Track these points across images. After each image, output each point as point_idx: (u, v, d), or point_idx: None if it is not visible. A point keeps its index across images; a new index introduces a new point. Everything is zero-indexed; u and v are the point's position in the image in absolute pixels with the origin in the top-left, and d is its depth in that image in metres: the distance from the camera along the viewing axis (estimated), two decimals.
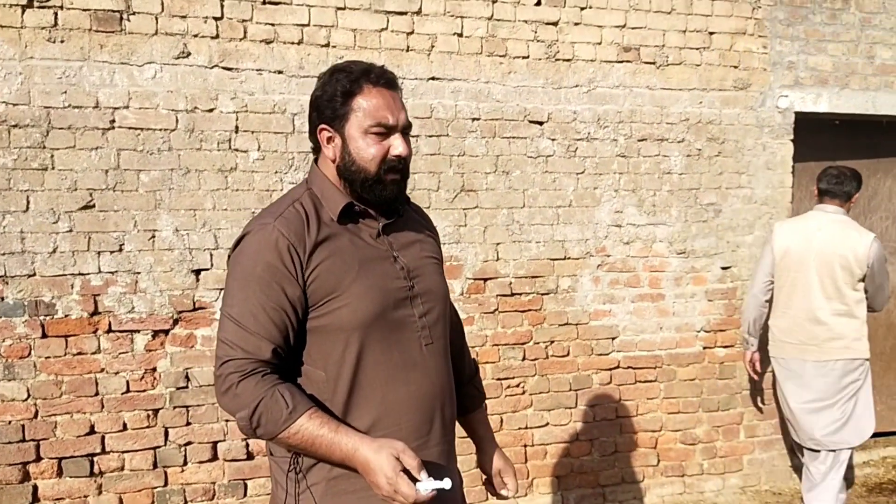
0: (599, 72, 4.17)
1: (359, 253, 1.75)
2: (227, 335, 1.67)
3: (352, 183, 1.76)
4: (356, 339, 1.70)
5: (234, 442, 3.68)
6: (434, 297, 1.86)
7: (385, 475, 1.54)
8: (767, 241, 4.13)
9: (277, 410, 1.60)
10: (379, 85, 1.74)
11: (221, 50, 3.59)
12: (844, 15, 4.63)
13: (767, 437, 4.63)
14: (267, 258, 1.66)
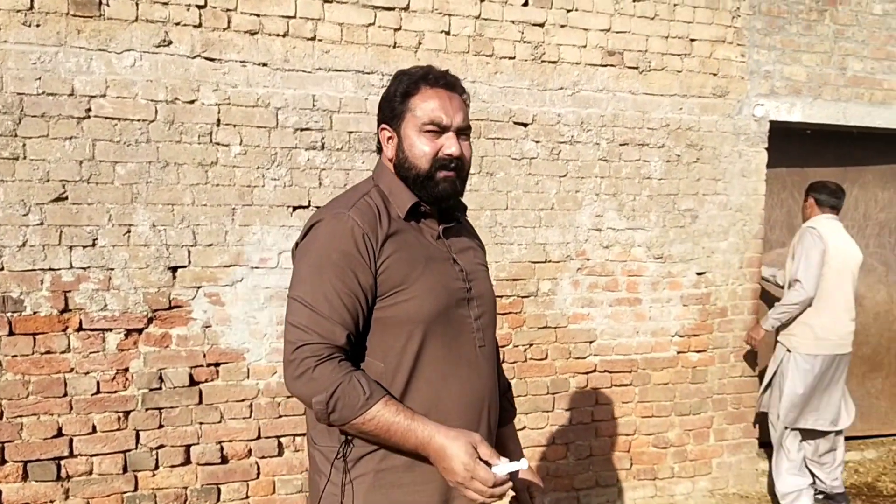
0: (584, 75, 4.16)
1: (424, 250, 1.79)
2: (301, 319, 1.67)
3: (405, 180, 1.81)
4: (419, 332, 1.72)
5: (207, 445, 3.57)
6: (486, 302, 1.90)
7: (462, 461, 1.57)
8: (815, 244, 4.23)
9: (355, 396, 1.61)
10: (437, 86, 1.79)
11: (204, 39, 3.46)
12: (819, 26, 4.72)
13: (736, 441, 4.70)
14: (342, 245, 1.69)
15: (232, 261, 3.57)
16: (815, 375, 4.26)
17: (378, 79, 3.75)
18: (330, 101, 3.68)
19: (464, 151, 1.81)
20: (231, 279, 3.58)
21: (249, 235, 3.59)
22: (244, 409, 3.64)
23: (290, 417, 3.71)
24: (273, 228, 3.63)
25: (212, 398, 3.58)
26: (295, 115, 3.63)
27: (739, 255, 4.60)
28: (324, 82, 3.67)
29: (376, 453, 1.71)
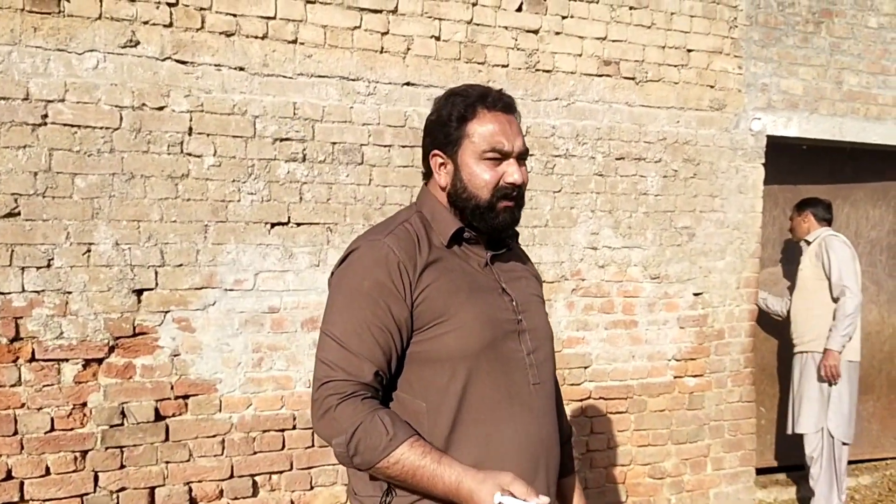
0: (579, 85, 3.94)
1: (468, 279, 1.66)
2: (328, 355, 1.57)
3: (462, 210, 1.69)
4: (463, 369, 1.59)
5: (174, 487, 3.24)
6: (541, 335, 1.75)
7: None
8: (845, 249, 4.35)
9: (377, 437, 1.48)
10: (496, 109, 1.67)
11: (175, 40, 3.16)
12: (816, 39, 4.57)
13: (734, 470, 4.49)
14: (376, 275, 1.58)
15: (204, 283, 3.26)
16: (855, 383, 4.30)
17: (364, 86, 3.48)
18: (312, 109, 3.40)
19: (524, 178, 1.69)
20: (202, 303, 3.26)
21: (223, 255, 3.28)
22: (215, 446, 3.31)
23: (266, 454, 3.39)
24: (249, 247, 3.32)
25: (180, 434, 3.25)
26: (274, 123, 3.34)
27: (736, 275, 4.41)
28: (306, 89, 3.39)
29: (421, 502, 1.55)
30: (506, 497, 1.41)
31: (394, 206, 3.56)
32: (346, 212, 3.49)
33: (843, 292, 4.23)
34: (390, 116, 3.54)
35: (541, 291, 1.87)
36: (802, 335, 4.44)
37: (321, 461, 3.50)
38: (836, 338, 4.23)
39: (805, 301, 4.45)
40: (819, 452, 4.30)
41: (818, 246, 4.40)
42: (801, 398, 4.39)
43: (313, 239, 3.43)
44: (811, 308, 4.40)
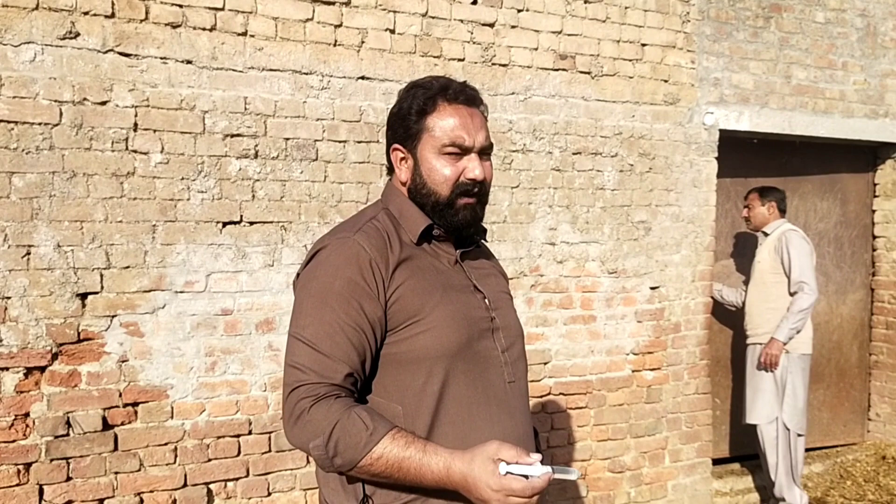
0: (536, 79, 3.91)
1: (441, 277, 1.62)
2: (299, 359, 1.50)
3: (423, 207, 1.64)
4: (440, 369, 1.54)
5: (124, 497, 3.10)
6: (514, 333, 1.71)
7: (489, 485, 1.37)
8: (804, 245, 4.39)
9: (356, 433, 1.41)
10: (457, 102, 1.62)
11: (118, 32, 3.02)
12: (765, 33, 4.63)
13: (691, 462, 4.53)
14: (347, 273, 1.52)
15: (152, 285, 3.13)
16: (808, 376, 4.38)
17: (317, 80, 3.39)
18: (264, 103, 3.29)
19: (486, 174, 1.64)
20: (151, 306, 3.13)
21: (173, 256, 3.16)
22: (167, 455, 3.19)
23: (221, 461, 3.28)
24: (200, 247, 3.20)
25: (129, 443, 3.12)
26: (224, 119, 3.22)
27: (692, 269, 4.44)
28: (257, 83, 3.28)
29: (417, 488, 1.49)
30: (512, 466, 1.37)
31: (350, 204, 3.48)
32: (300, 210, 3.39)
33: (801, 288, 4.27)
34: (345, 111, 3.45)
35: (508, 288, 1.84)
36: (757, 327, 4.47)
37: (278, 466, 3.40)
38: (784, 329, 4.28)
39: (761, 294, 4.48)
40: (774, 443, 4.35)
41: (778, 240, 4.42)
42: (755, 389, 4.43)
43: (267, 238, 3.33)
44: (767, 301, 4.44)
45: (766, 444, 4.41)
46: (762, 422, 4.41)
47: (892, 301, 5.47)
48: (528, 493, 1.36)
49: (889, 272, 5.49)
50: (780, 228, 4.48)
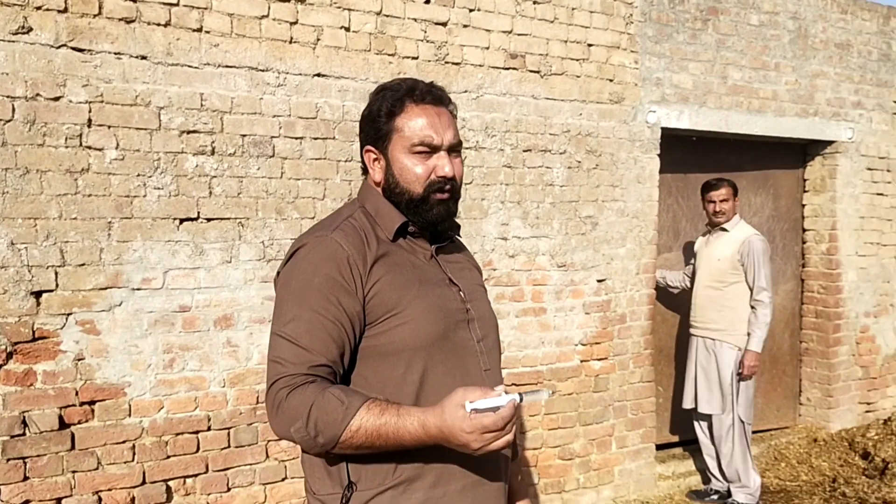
0: (487, 78, 4.00)
1: (417, 272, 1.67)
2: (280, 354, 1.55)
3: (398, 205, 1.70)
4: (419, 360, 1.60)
5: (83, 496, 3.08)
6: (488, 324, 1.78)
7: (462, 429, 1.42)
8: (767, 251, 4.52)
9: (333, 410, 1.46)
10: (424, 102, 1.68)
11: (71, 27, 2.99)
12: (703, 35, 4.82)
13: (636, 448, 4.70)
14: (325, 270, 1.57)
15: (109, 282, 3.11)
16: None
17: (274, 77, 3.40)
18: (220, 100, 3.30)
19: (456, 170, 1.70)
20: (108, 303, 3.11)
21: (129, 253, 3.14)
22: (125, 453, 3.17)
23: (180, 457, 3.28)
24: (157, 244, 3.19)
25: (87, 442, 3.09)
26: (180, 115, 3.22)
27: (636, 262, 4.61)
28: (213, 79, 3.28)
29: (384, 495, 1.57)
30: (476, 403, 1.42)
31: (306, 200, 3.51)
32: (257, 206, 3.41)
33: (763, 297, 4.42)
34: (301, 108, 3.48)
35: (482, 281, 1.90)
36: (711, 322, 4.57)
37: (238, 462, 3.41)
38: (758, 341, 4.44)
39: (717, 290, 4.57)
40: (730, 433, 4.51)
41: (742, 244, 4.49)
42: (710, 382, 4.55)
43: (224, 234, 3.34)
44: (725, 300, 4.54)
45: (721, 435, 4.54)
46: (716, 412, 4.55)
47: (821, 291, 5.76)
48: (501, 424, 1.41)
49: (818, 264, 5.78)
50: (744, 232, 4.55)
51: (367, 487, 1.57)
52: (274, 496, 3.51)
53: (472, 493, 1.64)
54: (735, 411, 4.50)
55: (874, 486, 4.67)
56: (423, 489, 1.59)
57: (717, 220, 4.62)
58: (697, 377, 4.64)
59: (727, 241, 4.59)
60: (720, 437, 4.56)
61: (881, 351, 5.98)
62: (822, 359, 5.75)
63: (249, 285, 3.39)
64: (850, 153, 5.64)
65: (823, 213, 5.71)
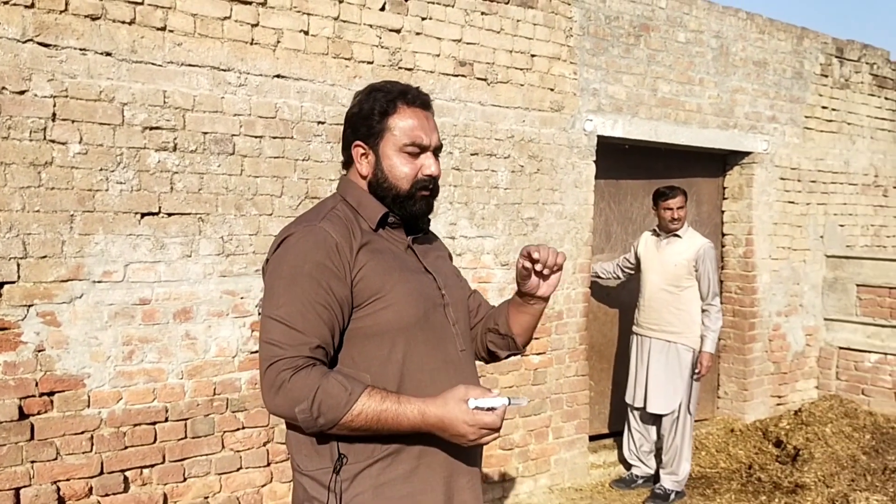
0: (438, 84, 4.18)
1: (398, 260, 1.80)
2: (274, 336, 1.64)
3: (383, 199, 1.82)
4: (402, 340, 1.72)
5: (41, 486, 3.10)
6: (461, 308, 1.93)
7: (464, 421, 1.59)
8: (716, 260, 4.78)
9: (337, 394, 1.58)
10: (415, 105, 1.81)
11: (38, 22, 3.02)
12: (636, 50, 5.13)
13: (570, 438, 4.96)
14: (316, 257, 1.67)
15: (70, 275, 3.15)
16: None
17: (235, 76, 3.50)
18: (183, 98, 3.37)
19: (439, 171, 1.85)
20: (69, 295, 3.15)
21: (91, 246, 3.19)
22: (84, 443, 3.21)
23: (137, 448, 3.33)
24: (119, 238, 3.24)
25: (46, 432, 3.12)
26: (144, 111, 3.28)
27: (573, 262, 4.87)
28: (176, 77, 3.36)
29: (372, 468, 1.69)
30: (479, 401, 1.59)
31: (265, 197, 3.61)
32: (217, 202, 3.49)
33: (716, 302, 4.70)
34: (261, 108, 3.58)
35: (456, 269, 2.05)
36: (670, 325, 4.75)
37: (194, 452, 3.49)
38: (713, 344, 4.72)
39: (673, 293, 4.75)
40: (682, 427, 4.76)
41: (697, 251, 4.70)
42: (668, 382, 4.75)
43: (185, 229, 3.41)
44: (679, 304, 4.74)
45: (668, 428, 4.79)
46: (670, 411, 4.76)
47: (738, 292, 6.17)
48: (498, 423, 1.60)
49: (735, 266, 6.18)
50: (698, 241, 4.76)
51: (356, 460, 1.68)
52: (229, 486, 3.60)
53: (452, 464, 1.77)
54: (685, 407, 4.75)
55: (786, 471, 5.06)
56: (409, 459, 1.71)
57: (673, 227, 4.77)
58: (650, 377, 4.78)
59: (682, 247, 4.76)
60: (667, 431, 4.79)
61: (791, 348, 6.45)
62: (739, 355, 6.16)
63: (209, 279, 3.48)
64: (765, 164, 6.07)
65: (741, 219, 6.12)
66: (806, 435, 5.50)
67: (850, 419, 5.82)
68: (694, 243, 4.76)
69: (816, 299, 6.63)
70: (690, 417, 4.79)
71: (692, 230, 4.90)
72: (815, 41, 6.40)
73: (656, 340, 4.80)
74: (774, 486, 4.87)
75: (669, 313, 4.75)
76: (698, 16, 5.51)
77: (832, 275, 6.64)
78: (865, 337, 6.45)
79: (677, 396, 4.73)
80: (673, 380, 4.74)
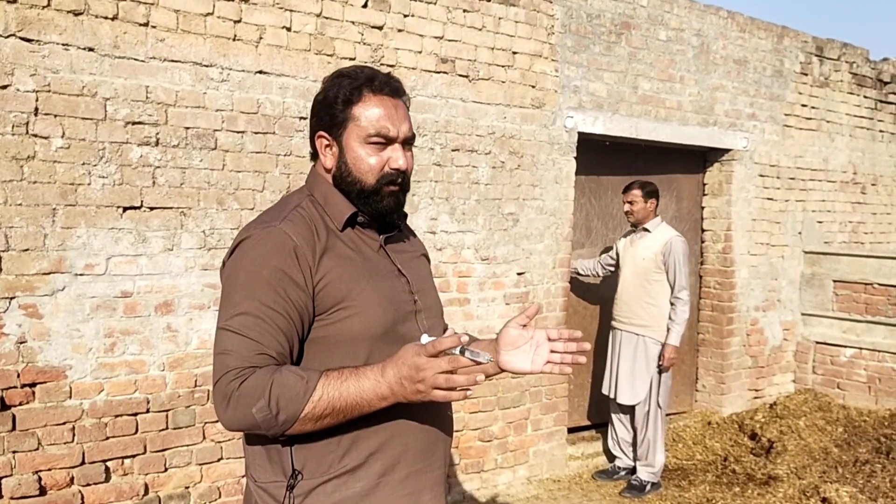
0: (420, 80, 4.23)
1: (366, 263, 1.68)
2: (228, 346, 1.52)
3: (348, 194, 1.69)
4: (365, 350, 1.61)
5: (23, 476, 3.15)
6: (435, 314, 1.81)
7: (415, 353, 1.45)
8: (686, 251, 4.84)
9: (293, 385, 1.47)
10: (382, 93, 1.67)
11: (20, 17, 3.05)
12: (617, 48, 5.19)
13: (549, 430, 5.04)
14: (273, 262, 1.55)
15: (52, 268, 3.18)
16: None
17: (217, 72, 3.54)
18: (165, 93, 3.41)
19: (408, 163, 1.71)
20: (51, 288, 3.19)
21: (73, 239, 3.22)
22: (66, 434, 3.25)
23: (119, 438, 3.38)
24: (101, 231, 3.28)
25: (27, 423, 3.16)
26: (126, 106, 3.31)
27: (553, 256, 4.94)
28: (158, 73, 3.39)
29: (328, 485, 1.58)
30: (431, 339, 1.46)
31: (247, 191, 3.65)
32: (199, 196, 3.53)
33: (682, 295, 4.77)
34: (243, 103, 3.62)
35: (430, 269, 1.92)
36: (635, 318, 4.88)
37: (175, 443, 3.54)
38: (676, 336, 4.79)
39: (642, 288, 4.86)
40: (653, 419, 4.87)
41: (664, 245, 4.82)
42: (635, 375, 4.86)
43: (167, 223, 3.45)
44: (650, 297, 4.85)
45: (639, 421, 4.90)
46: (636, 402, 4.88)
47: (717, 287, 6.26)
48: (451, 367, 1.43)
49: (714, 261, 6.27)
50: (666, 234, 4.87)
51: (311, 476, 1.58)
52: (210, 476, 3.65)
53: (415, 480, 1.67)
54: (655, 399, 4.85)
55: (760, 463, 5.16)
56: (367, 478, 1.61)
57: (629, 220, 4.97)
58: (619, 369, 4.91)
59: (650, 242, 4.88)
60: (639, 423, 4.90)
61: (768, 342, 6.55)
62: (717, 349, 6.25)
63: (190, 272, 3.52)
64: (744, 161, 6.15)
65: (720, 215, 6.20)
66: (780, 428, 5.61)
67: (824, 412, 5.93)
68: (662, 237, 4.86)
69: (794, 294, 6.73)
70: (661, 410, 4.89)
71: (665, 225, 4.99)
72: (795, 40, 6.49)
73: (627, 333, 4.92)
74: (748, 477, 4.98)
75: (639, 307, 4.87)
76: (679, 14, 5.57)
77: (810, 270, 6.75)
78: (841, 332, 6.56)
79: (644, 388, 4.85)
80: (640, 372, 4.85)
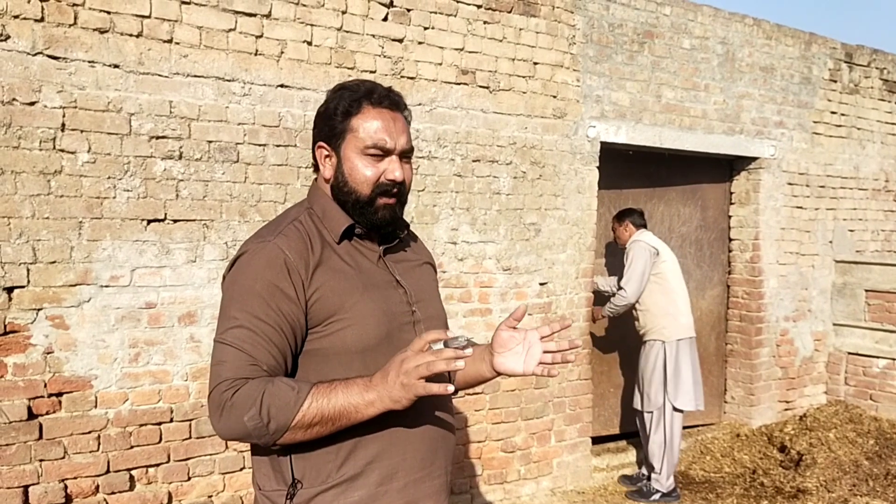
0: (440, 92, 4.25)
1: (362, 275, 1.70)
2: (222, 359, 1.57)
3: (344, 204, 1.72)
4: (359, 362, 1.63)
5: (49, 484, 3.21)
6: (436, 324, 1.80)
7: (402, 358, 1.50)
8: (642, 254, 4.89)
9: (284, 395, 1.51)
10: (381, 106, 1.70)
11: (47, 35, 3.13)
12: (640, 57, 5.17)
13: (573, 441, 5.01)
14: (267, 276, 1.59)
15: (78, 279, 3.25)
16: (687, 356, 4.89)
17: (239, 87, 3.59)
18: (188, 107, 3.47)
19: (406, 176, 1.74)
20: (77, 299, 3.26)
21: (99, 251, 3.29)
22: (91, 443, 3.31)
23: (143, 447, 3.43)
24: (125, 243, 3.35)
25: (54, 432, 3.23)
26: (150, 121, 3.38)
27: (576, 266, 4.92)
28: (182, 88, 3.45)
29: (327, 494, 1.60)
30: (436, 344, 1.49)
31: (268, 203, 3.70)
32: (222, 209, 3.58)
33: (625, 289, 4.90)
34: (265, 116, 3.67)
35: (436, 279, 1.94)
36: (641, 327, 5.01)
37: (198, 452, 3.58)
38: (609, 310, 5.04)
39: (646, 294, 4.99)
40: (648, 425, 4.87)
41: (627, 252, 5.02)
42: (640, 380, 4.96)
43: (190, 235, 3.51)
44: (643, 305, 4.95)
45: (647, 427, 4.89)
46: (640, 407, 4.95)
47: (745, 297, 6.18)
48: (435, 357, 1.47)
49: (742, 271, 6.20)
50: (632, 239, 5.02)
51: (311, 485, 1.61)
52: (232, 485, 3.69)
53: (413, 489, 1.68)
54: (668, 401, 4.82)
55: (789, 475, 5.08)
56: (366, 487, 1.62)
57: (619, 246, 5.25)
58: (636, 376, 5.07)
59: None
60: (647, 430, 4.91)
61: (799, 353, 6.45)
62: (746, 360, 6.17)
63: (213, 284, 3.57)
64: (772, 169, 6.08)
65: (748, 224, 6.13)
66: (810, 440, 5.51)
67: (855, 424, 5.81)
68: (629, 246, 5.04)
69: (825, 304, 6.62)
70: (665, 416, 4.87)
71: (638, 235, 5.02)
72: (823, 46, 6.40)
73: (642, 342, 5.07)
74: (776, 490, 4.90)
75: (640, 314, 5.03)
76: (703, 22, 5.54)
77: (841, 280, 6.64)
78: (874, 342, 6.44)
79: (645, 394, 4.93)
80: (643, 377, 4.97)
